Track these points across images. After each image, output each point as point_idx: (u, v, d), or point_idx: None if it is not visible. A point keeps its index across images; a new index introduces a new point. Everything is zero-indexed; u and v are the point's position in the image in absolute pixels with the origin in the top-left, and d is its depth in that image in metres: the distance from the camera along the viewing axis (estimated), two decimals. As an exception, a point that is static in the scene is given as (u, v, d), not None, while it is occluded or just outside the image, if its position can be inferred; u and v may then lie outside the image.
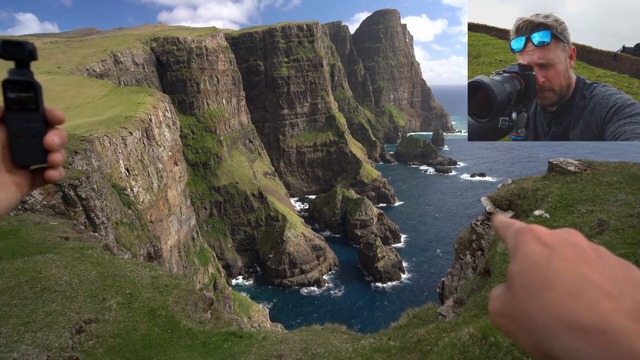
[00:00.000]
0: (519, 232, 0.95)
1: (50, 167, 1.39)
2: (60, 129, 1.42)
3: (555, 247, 0.87)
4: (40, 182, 1.40)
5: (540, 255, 0.86)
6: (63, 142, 1.40)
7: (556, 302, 0.78)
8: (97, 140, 34.10)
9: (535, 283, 0.83)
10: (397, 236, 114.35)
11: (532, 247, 0.88)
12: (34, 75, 1.35)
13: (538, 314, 0.80)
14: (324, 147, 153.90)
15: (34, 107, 1.34)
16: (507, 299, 0.89)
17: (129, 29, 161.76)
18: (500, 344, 6.00)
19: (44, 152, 1.36)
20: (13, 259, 11.94)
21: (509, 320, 0.88)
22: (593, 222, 10.12)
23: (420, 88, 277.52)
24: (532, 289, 0.83)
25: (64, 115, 1.41)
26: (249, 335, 10.33)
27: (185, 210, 64.55)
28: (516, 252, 0.91)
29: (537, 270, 0.84)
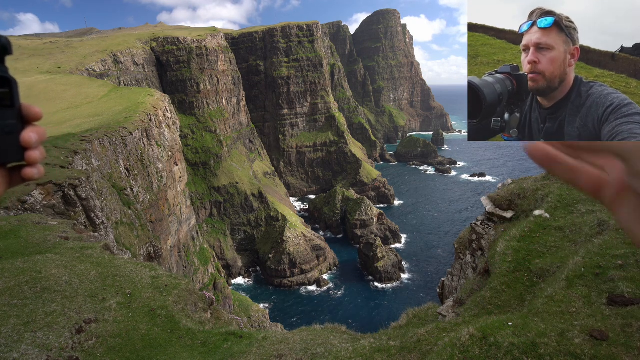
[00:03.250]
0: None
1: (28, 164, 1.35)
2: (37, 125, 1.38)
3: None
4: (18, 181, 1.37)
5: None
6: (41, 139, 1.36)
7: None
8: (97, 140, 34.10)
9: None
10: (397, 236, 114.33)
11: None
12: (8, 71, 1.31)
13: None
14: (324, 147, 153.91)
15: (9, 103, 1.30)
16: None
17: (129, 29, 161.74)
18: (500, 344, 6.01)
19: (21, 149, 1.32)
20: (13, 259, 11.95)
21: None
22: (593, 222, 10.13)
23: (420, 88, 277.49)
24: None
25: (41, 112, 1.38)
26: (249, 335, 10.33)
27: (185, 210, 64.55)
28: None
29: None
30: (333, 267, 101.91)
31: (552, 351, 5.61)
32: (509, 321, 6.55)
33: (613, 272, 7.37)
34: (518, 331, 6.17)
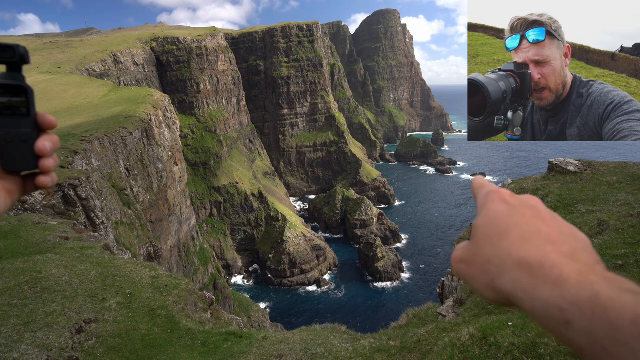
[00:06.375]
0: (489, 193, 1.11)
1: (41, 172, 1.36)
2: (52, 134, 1.38)
3: (517, 206, 1.01)
4: (32, 189, 1.38)
5: (503, 211, 1.00)
6: (55, 148, 1.37)
7: (510, 246, 0.92)
8: (97, 140, 34.10)
9: (495, 232, 0.96)
10: (397, 236, 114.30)
11: (497, 205, 1.03)
12: (25, 80, 1.32)
13: (494, 255, 0.94)
14: (324, 147, 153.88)
15: (25, 111, 1.31)
16: (469, 248, 1.03)
17: (129, 29, 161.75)
18: (500, 344, 6.01)
19: (35, 157, 1.32)
20: (13, 259, 11.94)
21: (468, 264, 1.01)
22: (593, 222, 10.12)
23: (420, 88, 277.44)
24: (492, 237, 0.96)
25: (56, 121, 1.38)
26: (249, 335, 10.32)
27: (185, 210, 64.55)
28: (482, 209, 1.06)
29: (498, 222, 0.98)
30: (333, 267, 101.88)
31: (552, 351, 5.61)
32: (509, 321, 6.55)
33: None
34: (518, 331, 6.17)
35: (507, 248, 0.92)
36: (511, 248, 0.91)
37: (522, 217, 0.97)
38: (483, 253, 0.96)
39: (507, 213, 0.99)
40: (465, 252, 1.03)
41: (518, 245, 0.91)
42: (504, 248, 0.92)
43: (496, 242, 0.94)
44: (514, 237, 0.93)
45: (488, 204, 1.06)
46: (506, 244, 0.92)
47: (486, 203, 1.07)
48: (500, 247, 0.93)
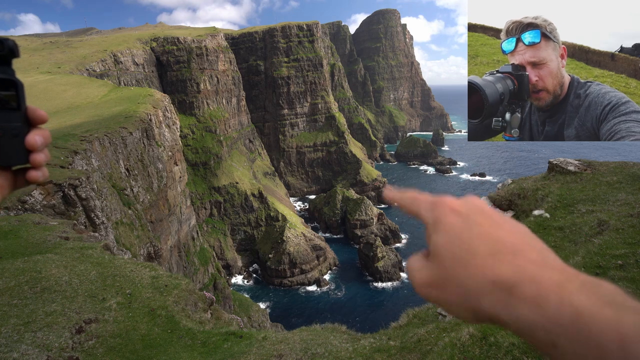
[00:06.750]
0: (435, 205, 1.06)
1: (32, 167, 1.35)
2: (43, 128, 1.38)
3: (470, 215, 0.98)
4: (23, 184, 1.37)
5: (460, 225, 0.96)
6: (46, 142, 1.37)
7: (482, 265, 0.88)
8: (97, 140, 34.10)
9: (462, 250, 0.92)
10: (397, 236, 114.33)
11: (451, 219, 0.99)
12: (15, 73, 1.30)
13: (468, 277, 0.89)
14: (324, 147, 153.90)
15: (15, 105, 1.30)
16: (435, 270, 0.97)
17: (129, 29, 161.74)
18: (500, 344, 6.01)
19: (26, 152, 1.32)
20: (13, 259, 11.95)
21: (440, 289, 0.96)
22: (593, 222, 10.13)
23: (420, 88, 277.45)
24: (460, 256, 0.92)
25: (47, 115, 1.38)
26: (249, 335, 10.33)
27: (185, 210, 64.56)
28: (438, 225, 1.01)
29: (461, 238, 0.94)
30: (333, 267, 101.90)
31: (552, 351, 5.60)
32: (509, 321, 6.53)
33: (613, 272, 7.37)
34: (518, 331, 6.15)
35: (481, 267, 0.88)
36: (484, 267, 0.87)
37: (480, 227, 0.95)
38: (456, 275, 0.91)
39: (465, 226, 0.96)
40: (431, 275, 0.99)
41: (490, 263, 0.87)
42: (477, 268, 0.88)
43: (465, 262, 0.90)
44: (482, 253, 0.89)
45: (441, 218, 1.01)
46: (477, 263, 0.88)
47: (439, 218, 1.02)
48: (472, 268, 0.89)
